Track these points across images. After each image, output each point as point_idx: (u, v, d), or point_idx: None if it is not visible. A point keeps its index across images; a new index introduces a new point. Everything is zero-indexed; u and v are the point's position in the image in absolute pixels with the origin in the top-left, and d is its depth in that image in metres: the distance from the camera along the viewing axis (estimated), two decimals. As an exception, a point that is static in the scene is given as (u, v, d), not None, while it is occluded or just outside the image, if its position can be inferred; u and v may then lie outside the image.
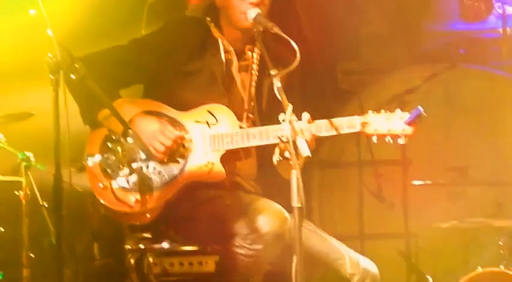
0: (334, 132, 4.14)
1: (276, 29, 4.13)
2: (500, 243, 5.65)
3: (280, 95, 3.86)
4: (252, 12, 4.28)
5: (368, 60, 7.45)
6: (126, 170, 4.25)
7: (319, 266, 4.25)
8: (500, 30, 6.96)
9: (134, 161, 4.28)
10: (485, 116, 7.13)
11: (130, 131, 3.97)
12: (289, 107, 3.81)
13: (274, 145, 4.21)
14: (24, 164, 5.58)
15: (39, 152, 5.57)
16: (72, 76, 3.62)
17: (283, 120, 3.81)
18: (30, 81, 5.53)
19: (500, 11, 7.08)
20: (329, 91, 7.29)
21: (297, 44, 3.96)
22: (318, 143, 4.19)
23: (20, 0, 3.52)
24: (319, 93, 6.85)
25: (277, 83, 3.89)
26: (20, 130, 5.69)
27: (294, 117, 3.88)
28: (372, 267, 4.34)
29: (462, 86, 7.16)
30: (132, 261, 4.40)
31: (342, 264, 4.26)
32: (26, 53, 5.50)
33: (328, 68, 7.39)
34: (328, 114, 4.23)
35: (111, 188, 4.23)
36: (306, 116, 4.11)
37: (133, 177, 4.25)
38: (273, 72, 3.95)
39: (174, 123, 4.34)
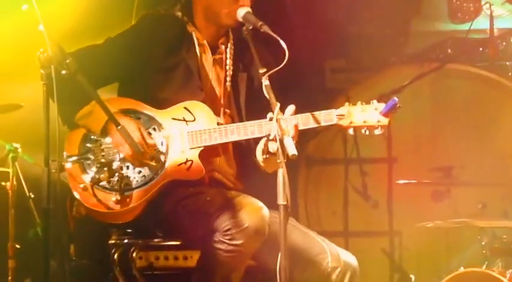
0: (313, 125, 4.15)
1: (265, 28, 4.13)
2: (483, 243, 5.69)
3: (268, 94, 3.88)
4: (242, 11, 4.29)
5: (356, 58, 7.45)
6: (105, 170, 4.21)
7: (300, 261, 4.28)
8: (488, 31, 6.99)
9: (113, 160, 4.24)
10: (471, 116, 7.15)
11: (119, 127, 3.95)
12: (277, 106, 3.83)
13: (252, 140, 4.26)
14: (11, 155, 5.58)
15: (27, 143, 5.57)
16: (63, 72, 3.62)
17: (271, 119, 3.84)
18: (19, 73, 5.53)
19: (488, 12, 7.11)
20: (316, 89, 7.31)
21: (285, 42, 3.96)
22: (304, 139, 4.18)
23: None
24: (307, 91, 6.86)
25: (265, 82, 3.91)
26: (7, 121, 5.68)
27: (282, 116, 3.90)
28: (352, 260, 4.37)
29: (449, 86, 7.17)
30: (116, 256, 4.41)
31: (323, 258, 4.29)
32: (16, 45, 5.51)
33: (316, 66, 7.41)
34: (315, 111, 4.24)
35: (92, 189, 4.20)
36: (290, 109, 4.12)
37: (114, 177, 4.22)
38: (261, 70, 3.95)
39: (152, 121, 4.33)
